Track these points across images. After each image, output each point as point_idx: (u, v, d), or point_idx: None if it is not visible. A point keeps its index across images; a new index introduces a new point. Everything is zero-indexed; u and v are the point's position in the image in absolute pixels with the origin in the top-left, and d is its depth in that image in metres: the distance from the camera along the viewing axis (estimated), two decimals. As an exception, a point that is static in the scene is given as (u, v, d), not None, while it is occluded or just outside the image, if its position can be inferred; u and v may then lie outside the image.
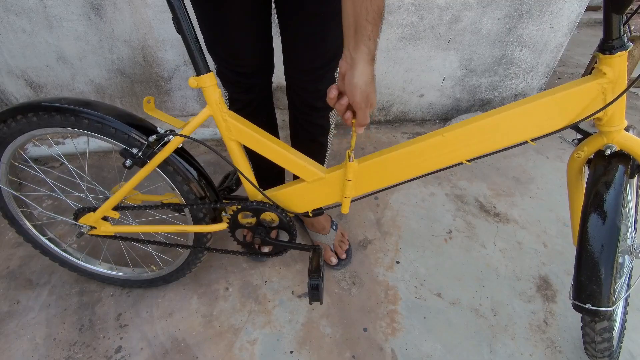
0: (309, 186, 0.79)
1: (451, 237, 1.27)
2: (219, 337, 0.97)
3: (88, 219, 0.91)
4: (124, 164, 0.76)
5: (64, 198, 1.08)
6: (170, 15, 0.66)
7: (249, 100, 0.96)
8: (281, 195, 0.83)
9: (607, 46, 0.62)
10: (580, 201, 0.86)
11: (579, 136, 0.85)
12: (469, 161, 0.73)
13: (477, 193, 1.46)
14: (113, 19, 1.39)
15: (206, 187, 0.86)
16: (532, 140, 0.72)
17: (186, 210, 0.87)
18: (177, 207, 0.86)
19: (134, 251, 1.12)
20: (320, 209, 0.85)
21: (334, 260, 1.14)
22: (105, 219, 0.93)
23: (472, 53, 1.69)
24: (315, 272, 0.79)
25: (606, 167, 0.74)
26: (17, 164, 0.92)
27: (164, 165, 0.81)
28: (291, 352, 0.95)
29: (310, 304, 0.80)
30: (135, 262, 1.09)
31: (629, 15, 0.65)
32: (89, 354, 0.93)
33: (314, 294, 0.77)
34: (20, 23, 1.35)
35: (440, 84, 1.77)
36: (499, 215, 1.36)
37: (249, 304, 1.05)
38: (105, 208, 0.87)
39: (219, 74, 0.91)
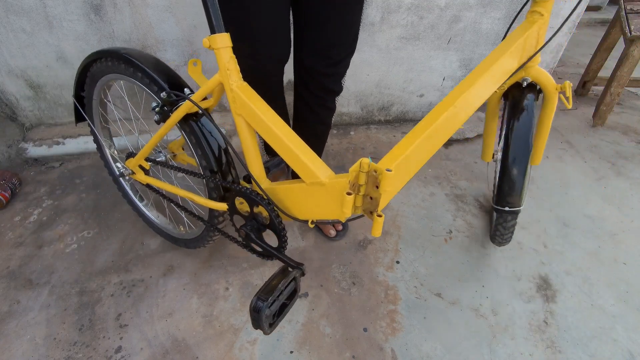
0: (307, 189, 0.67)
1: (451, 237, 1.27)
2: (219, 337, 0.97)
3: (130, 163, 1.01)
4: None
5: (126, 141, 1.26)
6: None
7: (264, 91, 0.96)
8: (280, 191, 0.74)
9: None
10: (493, 124, 1.13)
11: None
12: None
13: (477, 193, 1.45)
14: (113, 19, 1.39)
15: (221, 163, 0.83)
16: (498, 88, 0.86)
17: (203, 181, 0.87)
18: (191, 174, 0.86)
19: (170, 208, 1.20)
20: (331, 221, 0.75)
21: (333, 233, 1.20)
22: (144, 169, 1.01)
23: (472, 53, 1.69)
24: (266, 293, 0.62)
25: (521, 96, 0.92)
26: (104, 100, 1.06)
27: (185, 129, 0.82)
28: (291, 352, 0.95)
29: (255, 328, 0.64)
30: (171, 218, 1.20)
31: None
32: (89, 354, 0.93)
33: (254, 317, 0.62)
34: (20, 23, 1.35)
35: (440, 84, 1.77)
36: (499, 215, 1.36)
37: (249, 304, 1.05)
38: (139, 157, 0.96)
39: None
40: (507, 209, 0.95)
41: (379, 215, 0.58)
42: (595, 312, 1.06)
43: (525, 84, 0.92)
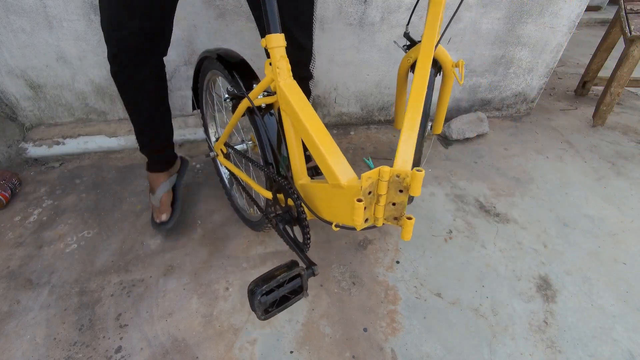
0: (329, 190, 0.66)
1: (451, 237, 1.27)
2: (219, 337, 0.97)
3: (216, 147, 1.15)
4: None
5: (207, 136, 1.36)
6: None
7: (141, 80, 1.00)
8: (310, 189, 0.75)
9: None
10: (403, 96, 1.24)
11: (408, 43, 1.13)
12: None
13: (477, 193, 1.45)
14: (113, 19, 1.39)
15: (274, 155, 0.88)
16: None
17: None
18: (250, 161, 0.95)
19: (240, 190, 1.29)
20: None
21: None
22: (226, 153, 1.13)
23: (472, 53, 1.69)
24: (264, 280, 0.62)
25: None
26: (212, 92, 1.23)
27: (250, 122, 0.90)
28: (291, 352, 0.95)
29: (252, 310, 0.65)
30: (247, 200, 1.24)
31: None
32: (89, 354, 0.93)
33: (249, 298, 0.62)
34: (20, 23, 1.35)
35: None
36: (499, 215, 1.36)
37: (249, 304, 1.05)
38: (220, 142, 1.11)
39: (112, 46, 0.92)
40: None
41: (409, 218, 0.56)
42: (595, 312, 1.06)
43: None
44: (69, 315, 1.01)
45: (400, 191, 0.54)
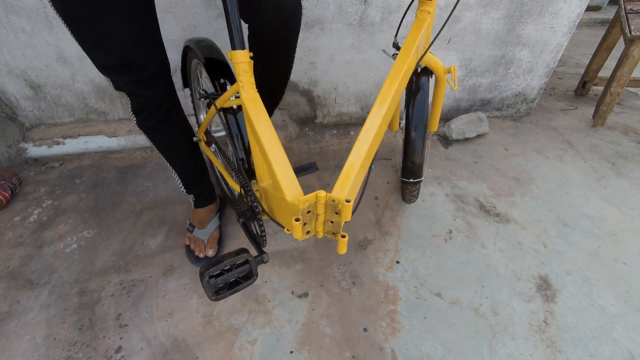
0: (279, 200, 0.69)
1: (451, 237, 1.27)
2: (219, 337, 0.97)
3: (198, 132, 1.14)
4: None
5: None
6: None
7: (157, 106, 0.95)
8: (268, 192, 0.79)
9: None
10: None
11: (396, 52, 1.09)
12: None
13: (477, 193, 1.45)
14: (113, 19, 1.39)
15: (244, 154, 0.94)
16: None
17: None
18: (222, 155, 0.98)
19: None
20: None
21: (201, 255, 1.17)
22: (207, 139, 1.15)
23: (472, 53, 1.69)
24: (213, 264, 0.66)
25: (417, 80, 1.09)
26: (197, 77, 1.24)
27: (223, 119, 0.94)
28: (291, 352, 0.95)
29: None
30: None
31: None
32: (89, 354, 0.93)
33: (200, 280, 0.66)
34: (20, 23, 1.35)
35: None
36: (499, 215, 1.36)
37: (249, 304, 1.05)
38: (200, 130, 1.12)
39: (118, 88, 0.89)
40: (411, 180, 1.19)
41: (343, 236, 0.63)
42: (595, 312, 1.06)
43: (419, 69, 1.09)
44: (69, 315, 1.01)
45: (337, 213, 0.61)
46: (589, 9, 3.53)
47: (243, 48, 0.74)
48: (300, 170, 1.01)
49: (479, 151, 1.69)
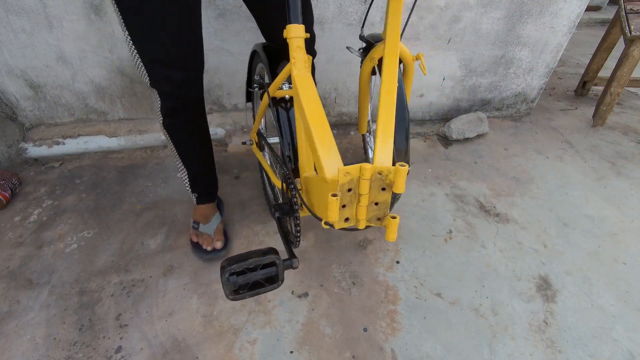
0: (319, 183, 0.62)
1: (451, 237, 1.27)
2: (219, 337, 0.97)
3: (251, 134, 1.18)
4: None
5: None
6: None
7: (187, 108, 0.96)
8: (310, 182, 0.72)
9: None
10: (366, 99, 1.22)
11: (364, 45, 1.10)
12: None
13: (477, 193, 1.45)
14: (113, 19, 1.39)
15: (291, 147, 0.88)
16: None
17: None
18: (272, 152, 0.96)
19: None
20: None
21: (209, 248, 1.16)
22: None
23: (472, 53, 1.69)
24: (236, 260, 0.59)
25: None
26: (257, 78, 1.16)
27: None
28: (291, 352, 0.95)
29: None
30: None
31: None
32: (89, 354, 0.93)
33: (220, 273, 0.60)
34: (20, 23, 1.35)
35: (440, 84, 1.77)
36: (499, 215, 1.36)
37: (249, 304, 1.05)
38: (252, 131, 1.15)
39: (154, 85, 0.89)
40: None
41: (393, 217, 0.54)
42: (595, 312, 1.06)
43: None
44: (69, 315, 1.01)
45: (383, 189, 0.52)
46: (589, 9, 3.53)
47: (299, 22, 0.70)
48: None
49: (479, 151, 1.69)
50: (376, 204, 0.54)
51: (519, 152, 1.69)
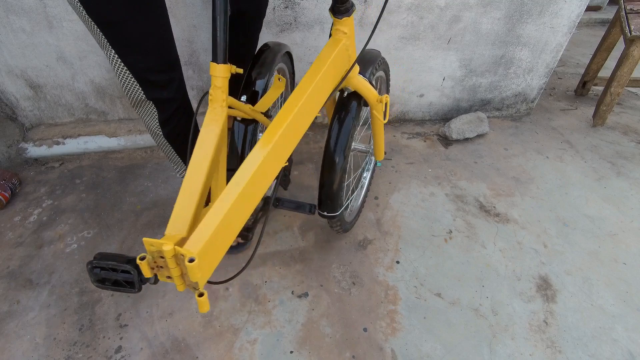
0: None
1: (451, 237, 1.27)
2: (219, 337, 0.97)
3: None
4: None
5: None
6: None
7: (181, 112, 0.97)
8: None
9: (342, 9, 0.77)
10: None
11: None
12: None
13: (477, 193, 1.45)
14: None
15: None
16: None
17: None
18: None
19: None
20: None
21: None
22: None
23: (472, 53, 1.69)
24: (102, 257, 0.59)
25: (342, 105, 0.96)
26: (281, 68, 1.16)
27: None
28: (291, 352, 0.95)
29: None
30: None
31: None
32: (89, 354, 0.93)
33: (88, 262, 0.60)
34: (20, 23, 1.35)
35: (440, 84, 1.77)
36: (499, 215, 1.36)
37: (249, 304, 1.05)
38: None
39: (150, 97, 0.88)
40: (325, 213, 1.01)
41: (200, 295, 0.54)
42: (595, 312, 1.06)
43: (346, 93, 0.98)
44: (69, 315, 1.01)
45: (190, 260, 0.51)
46: (589, 9, 3.53)
47: (225, 62, 0.70)
48: (293, 205, 0.98)
49: (479, 151, 1.69)
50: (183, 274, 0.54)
51: (519, 152, 1.69)
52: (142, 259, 0.53)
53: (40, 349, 0.94)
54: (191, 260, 0.49)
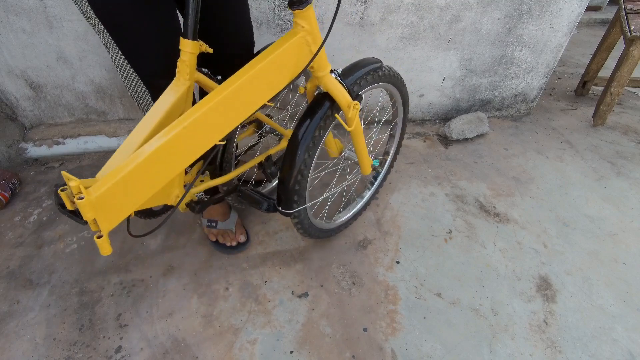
0: None
1: (451, 237, 1.27)
2: (219, 337, 0.97)
3: None
4: None
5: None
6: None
7: None
8: None
9: (296, 1, 0.73)
10: None
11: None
12: (221, 140, 0.73)
13: (477, 193, 1.45)
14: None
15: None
16: (269, 101, 0.79)
17: None
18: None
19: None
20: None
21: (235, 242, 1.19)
22: None
23: (472, 53, 1.69)
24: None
25: (316, 102, 0.93)
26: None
27: None
28: (291, 352, 0.95)
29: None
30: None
31: None
32: (89, 354, 0.93)
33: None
34: (20, 23, 1.35)
35: (440, 84, 1.77)
36: (499, 215, 1.36)
37: (249, 304, 1.05)
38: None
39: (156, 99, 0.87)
40: (280, 209, 0.98)
41: (99, 237, 0.57)
42: (595, 312, 1.06)
43: (317, 92, 0.96)
44: (69, 315, 1.01)
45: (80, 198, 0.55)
46: (589, 9, 3.53)
47: (194, 39, 0.69)
48: (251, 199, 0.96)
49: (479, 151, 1.69)
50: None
51: (519, 152, 1.69)
52: (63, 190, 0.57)
53: (40, 349, 0.94)
54: (80, 199, 0.54)
